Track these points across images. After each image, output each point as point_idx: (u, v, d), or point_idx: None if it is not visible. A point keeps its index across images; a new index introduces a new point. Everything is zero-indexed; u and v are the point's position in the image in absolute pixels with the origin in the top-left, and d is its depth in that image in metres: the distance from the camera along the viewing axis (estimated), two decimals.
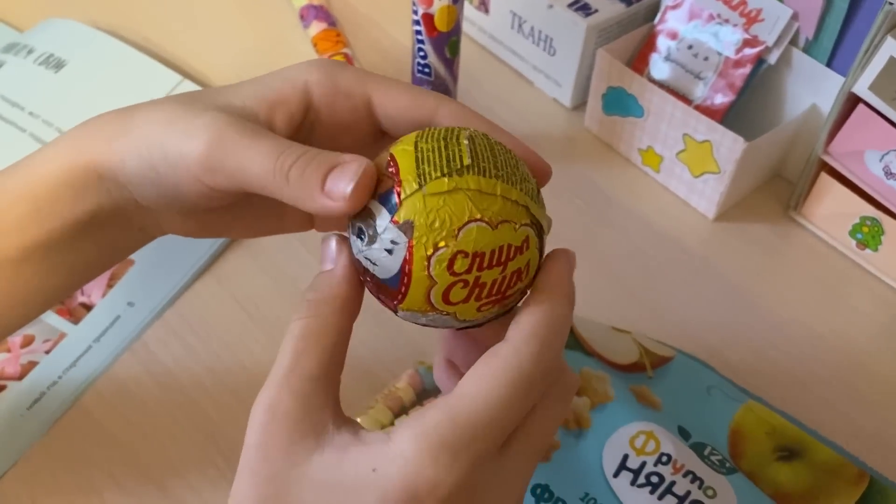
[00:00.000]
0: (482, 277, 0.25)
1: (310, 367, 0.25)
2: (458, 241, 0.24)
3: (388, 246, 0.25)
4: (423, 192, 0.24)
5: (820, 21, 0.47)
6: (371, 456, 0.24)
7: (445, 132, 0.26)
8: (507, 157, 0.26)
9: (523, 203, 0.26)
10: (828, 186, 0.49)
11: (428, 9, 0.46)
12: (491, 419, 0.23)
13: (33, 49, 0.56)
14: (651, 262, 0.50)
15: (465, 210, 0.24)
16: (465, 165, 0.25)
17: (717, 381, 0.41)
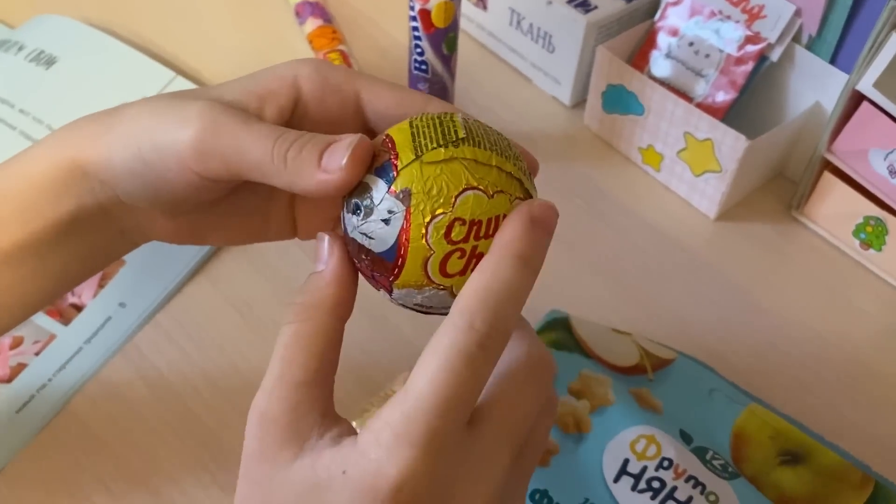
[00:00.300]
0: (479, 247, 0.25)
1: (298, 374, 0.25)
2: (454, 208, 0.24)
3: (384, 216, 0.25)
4: (421, 161, 0.25)
5: (823, 17, 0.47)
6: (341, 458, 0.24)
7: (439, 114, 0.27)
8: (499, 137, 0.27)
9: (517, 176, 0.26)
10: (831, 185, 0.49)
11: (425, 5, 0.46)
12: (438, 401, 0.23)
13: (24, 45, 0.55)
14: (651, 263, 0.49)
15: (461, 178, 0.25)
16: (460, 138, 0.25)
17: (719, 384, 0.41)
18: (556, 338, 0.41)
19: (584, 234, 0.50)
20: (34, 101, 0.52)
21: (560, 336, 0.41)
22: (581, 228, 0.50)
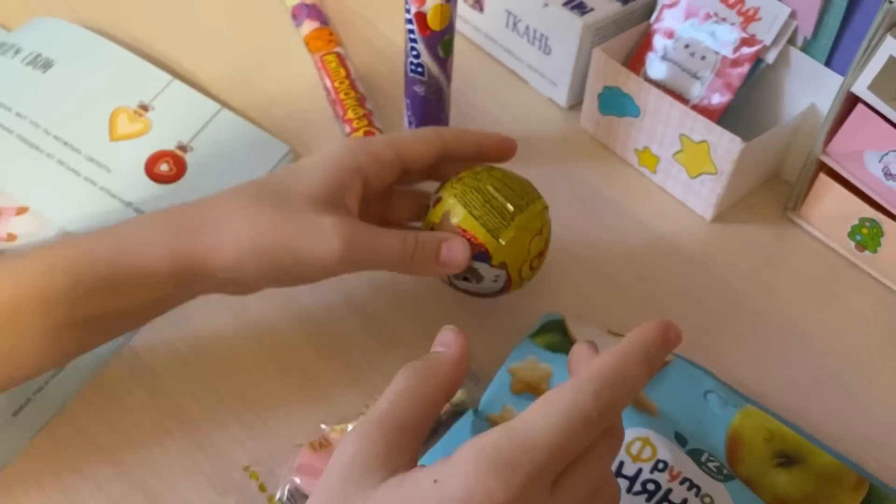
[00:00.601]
0: (543, 257, 0.43)
1: (402, 417, 0.28)
2: (530, 252, 0.41)
3: (493, 279, 0.41)
4: (502, 244, 0.40)
5: (818, 20, 0.47)
6: (432, 470, 0.25)
7: (477, 190, 0.40)
8: (515, 181, 0.42)
9: (542, 206, 0.42)
10: (826, 187, 0.49)
11: (421, 7, 0.46)
12: (548, 443, 0.25)
13: (21, 49, 0.55)
14: (647, 264, 0.49)
15: (528, 237, 0.41)
16: (511, 213, 0.40)
17: (715, 386, 0.41)
18: (552, 340, 0.41)
19: (579, 236, 0.50)
20: (31, 105, 0.52)
21: (555, 338, 0.41)
22: (577, 230, 0.50)
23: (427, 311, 0.46)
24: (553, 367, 0.40)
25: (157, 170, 0.50)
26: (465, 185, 0.40)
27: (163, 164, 0.50)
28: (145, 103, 0.53)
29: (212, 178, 0.50)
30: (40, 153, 0.50)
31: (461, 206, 0.40)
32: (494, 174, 0.41)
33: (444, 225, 0.40)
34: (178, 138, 0.51)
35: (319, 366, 0.44)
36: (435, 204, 0.41)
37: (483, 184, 0.40)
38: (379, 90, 0.57)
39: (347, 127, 0.53)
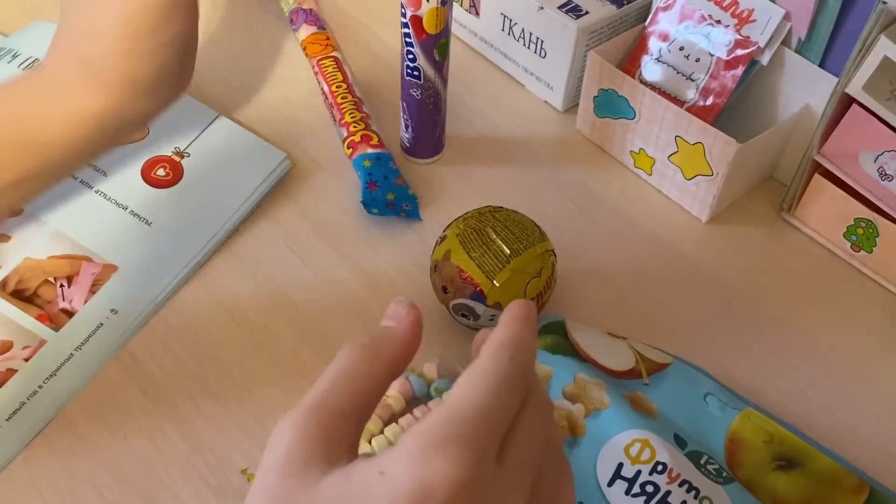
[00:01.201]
0: (543, 299, 0.43)
1: (340, 403, 0.26)
2: (526, 294, 0.41)
3: (489, 319, 0.42)
4: (496, 285, 0.41)
5: (812, 21, 0.47)
6: (377, 462, 0.24)
7: (477, 231, 0.42)
8: (518, 224, 0.42)
9: (542, 249, 0.42)
10: (821, 188, 0.49)
11: (416, 11, 0.46)
12: (485, 412, 0.24)
13: (18, 53, 0.55)
14: (645, 266, 0.49)
15: (524, 280, 0.41)
16: (507, 256, 0.41)
17: (714, 388, 0.41)
18: (552, 342, 0.41)
19: (577, 239, 0.50)
20: None
21: (555, 340, 0.41)
22: (574, 233, 0.51)
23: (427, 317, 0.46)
24: (553, 368, 0.40)
25: (153, 174, 0.50)
26: (468, 225, 0.42)
27: (159, 168, 0.50)
28: None
29: (208, 183, 0.50)
30: None
31: (461, 246, 0.41)
32: (498, 216, 0.42)
33: (445, 263, 0.42)
34: (174, 144, 0.51)
35: (318, 369, 0.44)
36: (440, 241, 0.43)
37: (484, 225, 0.42)
38: (376, 94, 0.58)
39: (345, 131, 0.53)
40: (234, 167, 0.51)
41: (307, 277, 0.48)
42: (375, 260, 0.49)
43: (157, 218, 0.48)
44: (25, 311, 0.44)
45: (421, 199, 0.52)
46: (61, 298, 0.45)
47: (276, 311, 0.46)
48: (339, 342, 0.45)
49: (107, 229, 0.48)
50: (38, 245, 0.47)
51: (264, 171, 0.51)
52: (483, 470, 0.24)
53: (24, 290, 0.45)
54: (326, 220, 0.51)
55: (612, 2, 0.55)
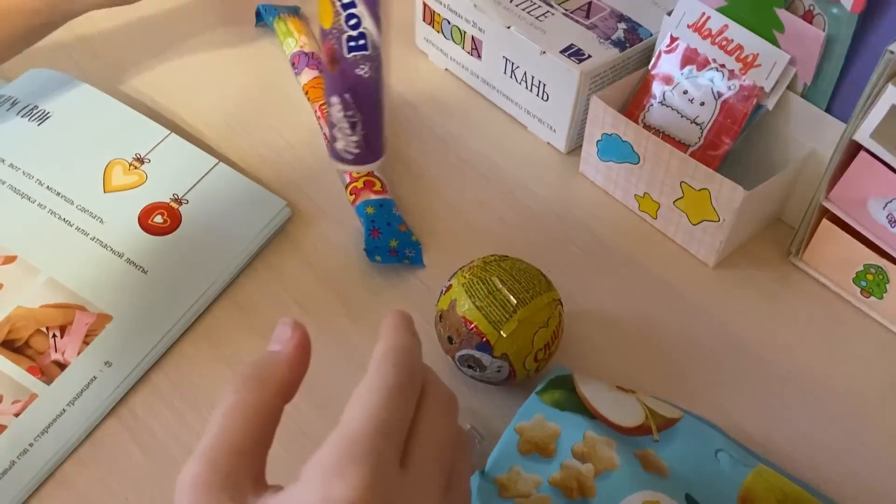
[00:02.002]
0: (550, 350, 0.42)
1: (234, 443, 0.26)
2: (534, 345, 0.41)
3: (496, 370, 0.41)
4: (503, 335, 0.40)
5: (818, 66, 0.47)
6: (282, 498, 0.24)
7: (482, 280, 0.41)
8: (524, 273, 0.41)
9: (549, 299, 0.42)
10: (830, 233, 0.48)
11: None
12: (376, 425, 0.25)
13: (17, 100, 0.54)
14: (651, 312, 0.49)
15: (531, 331, 0.40)
16: (514, 306, 0.40)
17: (726, 444, 0.40)
18: (560, 398, 0.40)
19: (582, 284, 0.50)
20: (25, 157, 0.51)
21: (563, 396, 0.40)
22: (579, 277, 0.50)
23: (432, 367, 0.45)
24: (561, 426, 0.39)
25: (150, 221, 0.50)
26: (473, 274, 0.41)
27: (157, 215, 0.50)
28: (141, 156, 0.52)
29: (206, 231, 0.49)
30: (31, 203, 0.49)
31: (466, 295, 0.41)
32: (504, 265, 0.42)
33: (450, 312, 0.41)
34: (173, 191, 0.51)
35: (321, 423, 0.43)
36: (445, 291, 0.42)
37: (490, 275, 0.41)
38: None
39: (347, 177, 0.53)
40: (234, 214, 0.50)
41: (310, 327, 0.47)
42: (379, 308, 0.48)
43: (153, 266, 0.48)
44: (16, 363, 0.43)
45: (424, 245, 0.51)
46: (53, 349, 0.44)
47: None
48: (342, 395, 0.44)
49: (102, 278, 0.47)
50: (31, 293, 0.46)
51: (264, 219, 0.50)
52: (384, 480, 0.24)
53: (14, 341, 0.44)
54: (329, 268, 0.50)
55: (614, 45, 0.54)
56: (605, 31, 0.55)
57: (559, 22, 0.56)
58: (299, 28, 0.63)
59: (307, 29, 0.64)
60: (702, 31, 0.50)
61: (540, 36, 0.55)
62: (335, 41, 0.37)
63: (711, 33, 0.50)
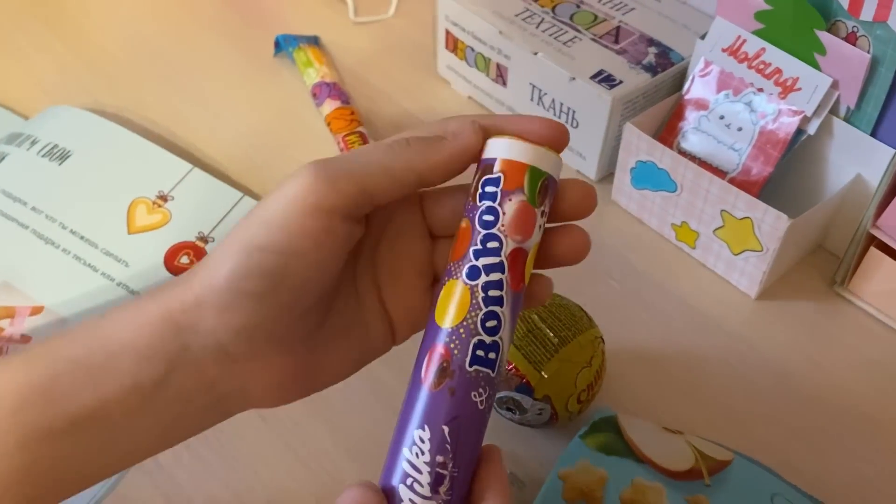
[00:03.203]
0: (594, 390, 0.40)
1: None
2: (577, 386, 0.39)
3: (537, 413, 0.39)
4: (544, 376, 0.38)
5: (863, 89, 0.45)
6: None
7: (521, 318, 0.38)
8: (564, 310, 0.40)
9: (592, 336, 0.40)
10: (878, 262, 0.46)
11: (524, 242, 0.27)
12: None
13: (37, 139, 0.54)
14: (693, 347, 0.47)
15: (573, 372, 0.38)
16: (555, 345, 0.38)
17: (782, 488, 0.38)
18: (606, 441, 0.38)
19: (619, 318, 0.48)
20: (47, 199, 0.50)
21: (609, 439, 0.38)
22: (616, 311, 0.48)
23: None
24: (608, 471, 0.37)
25: (177, 262, 0.48)
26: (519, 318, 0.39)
27: (183, 256, 0.49)
28: (164, 193, 0.51)
29: None
30: (56, 249, 0.48)
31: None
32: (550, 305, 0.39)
33: None
34: (198, 229, 0.50)
35: (350, 469, 0.41)
36: None
37: (529, 313, 0.39)
38: None
39: None
40: None
41: None
42: (410, 347, 0.46)
43: None
44: None
45: None
46: None
47: (307, 406, 0.44)
48: (370, 438, 0.43)
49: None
50: None
51: None
52: None
53: None
54: None
55: (645, 70, 0.53)
56: (636, 55, 0.54)
57: (587, 47, 0.54)
58: (319, 58, 0.62)
59: (327, 58, 0.63)
60: (737, 54, 0.49)
61: (568, 62, 0.53)
62: (455, 344, 0.26)
63: (748, 57, 0.49)
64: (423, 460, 0.25)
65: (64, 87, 0.63)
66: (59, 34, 0.68)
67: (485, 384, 0.26)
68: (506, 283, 0.27)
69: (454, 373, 0.26)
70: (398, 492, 0.25)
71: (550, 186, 0.28)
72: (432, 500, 0.25)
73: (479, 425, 0.26)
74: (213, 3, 0.71)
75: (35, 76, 0.64)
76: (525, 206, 0.27)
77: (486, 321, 0.26)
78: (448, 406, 0.26)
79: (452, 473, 0.25)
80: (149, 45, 0.67)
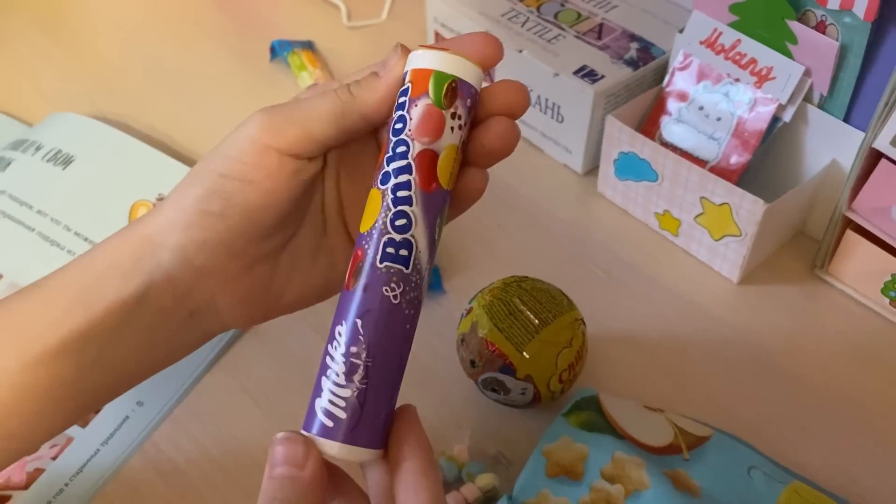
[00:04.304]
0: (575, 370, 0.41)
1: None
2: (558, 366, 0.40)
3: (520, 392, 0.40)
4: (526, 356, 0.39)
5: (834, 77, 0.46)
6: None
7: (503, 302, 0.40)
8: (545, 293, 0.41)
9: (571, 318, 0.41)
10: (855, 244, 0.48)
11: (433, 143, 0.28)
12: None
13: (41, 145, 0.56)
14: (677, 331, 0.48)
15: (554, 352, 0.40)
16: (536, 326, 0.40)
17: (759, 461, 0.39)
18: (587, 419, 0.40)
19: (605, 305, 0.49)
20: (52, 202, 0.52)
21: (591, 417, 0.40)
22: (602, 299, 0.49)
23: (455, 393, 0.45)
24: (589, 447, 0.38)
25: None
26: (493, 296, 0.41)
27: None
28: (164, 195, 0.53)
29: None
30: (61, 250, 0.50)
31: (487, 317, 0.40)
32: (524, 285, 0.41)
33: (471, 335, 0.40)
34: None
35: None
36: (466, 314, 0.42)
37: (510, 296, 0.40)
38: None
39: None
40: None
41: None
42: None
43: None
44: None
45: (443, 269, 0.51)
46: None
47: (300, 392, 0.45)
48: None
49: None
50: None
51: None
52: None
53: None
54: None
55: (627, 64, 0.54)
56: (618, 50, 0.56)
57: (571, 44, 0.56)
58: (313, 62, 0.64)
59: (321, 62, 0.65)
60: (714, 46, 0.50)
61: (552, 58, 0.55)
62: (367, 244, 0.28)
63: (724, 48, 0.50)
64: (340, 352, 0.27)
65: (66, 94, 0.65)
66: (61, 43, 0.70)
67: (398, 279, 0.28)
68: (414, 183, 0.28)
69: (366, 271, 0.28)
70: (321, 383, 0.28)
71: (461, 89, 0.29)
72: (347, 387, 0.27)
73: (397, 319, 0.28)
74: (211, 11, 0.73)
75: (38, 84, 0.66)
76: (430, 109, 0.28)
77: (395, 220, 0.28)
78: (360, 301, 0.28)
79: (367, 363, 0.27)
80: (148, 52, 0.69)
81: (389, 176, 0.28)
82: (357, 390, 0.27)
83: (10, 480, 0.41)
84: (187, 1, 0.74)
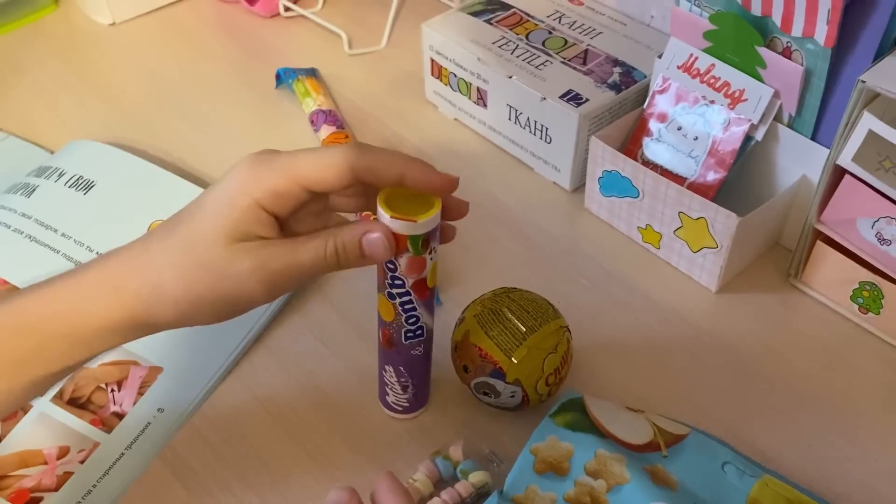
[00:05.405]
0: (560, 374, 0.45)
1: None
2: (544, 370, 0.44)
3: (510, 395, 0.44)
4: (514, 361, 0.43)
5: (800, 98, 0.50)
6: None
7: (493, 311, 0.44)
8: (532, 303, 0.45)
9: (556, 326, 0.44)
10: (825, 254, 0.51)
11: (420, 275, 0.40)
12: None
13: (64, 172, 0.59)
14: (658, 338, 0.51)
15: (541, 356, 0.43)
16: (523, 333, 0.43)
17: (732, 457, 0.42)
18: (572, 419, 0.43)
19: (591, 314, 0.52)
20: (74, 225, 0.56)
21: (575, 417, 0.43)
22: (588, 309, 0.53)
23: (451, 397, 0.48)
24: (573, 445, 0.41)
25: None
26: (484, 306, 0.45)
27: None
28: None
29: None
30: None
31: (478, 326, 0.44)
32: (513, 296, 0.45)
33: (464, 343, 0.44)
34: None
35: (352, 459, 0.46)
36: (459, 323, 0.45)
37: (500, 306, 0.44)
38: None
39: None
40: None
41: (337, 368, 0.50)
42: None
43: None
44: (80, 417, 0.47)
45: (440, 283, 0.54)
46: (112, 402, 0.48)
47: (309, 402, 0.49)
48: (373, 431, 0.47)
49: (152, 335, 0.51)
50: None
51: None
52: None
53: (79, 398, 0.48)
54: (352, 310, 0.54)
55: (610, 88, 0.58)
56: (602, 75, 0.59)
57: (558, 70, 0.60)
58: (316, 88, 0.68)
59: (324, 88, 0.68)
60: (691, 70, 0.54)
61: (540, 84, 0.58)
62: (394, 332, 0.42)
63: (700, 72, 0.54)
64: (394, 380, 0.45)
65: (85, 122, 0.68)
66: (79, 74, 0.74)
67: (417, 343, 0.43)
68: (414, 298, 0.41)
69: (398, 343, 0.43)
70: (385, 389, 0.46)
71: (431, 233, 0.38)
72: (403, 395, 0.46)
73: (421, 360, 0.44)
74: (220, 41, 0.77)
75: (57, 112, 0.70)
76: (412, 259, 0.39)
77: (408, 319, 0.42)
78: (399, 358, 0.44)
79: (412, 383, 0.45)
80: (161, 81, 0.73)
81: (395, 296, 0.40)
82: (409, 395, 0.46)
83: (42, 483, 0.45)
84: (198, 31, 0.78)
